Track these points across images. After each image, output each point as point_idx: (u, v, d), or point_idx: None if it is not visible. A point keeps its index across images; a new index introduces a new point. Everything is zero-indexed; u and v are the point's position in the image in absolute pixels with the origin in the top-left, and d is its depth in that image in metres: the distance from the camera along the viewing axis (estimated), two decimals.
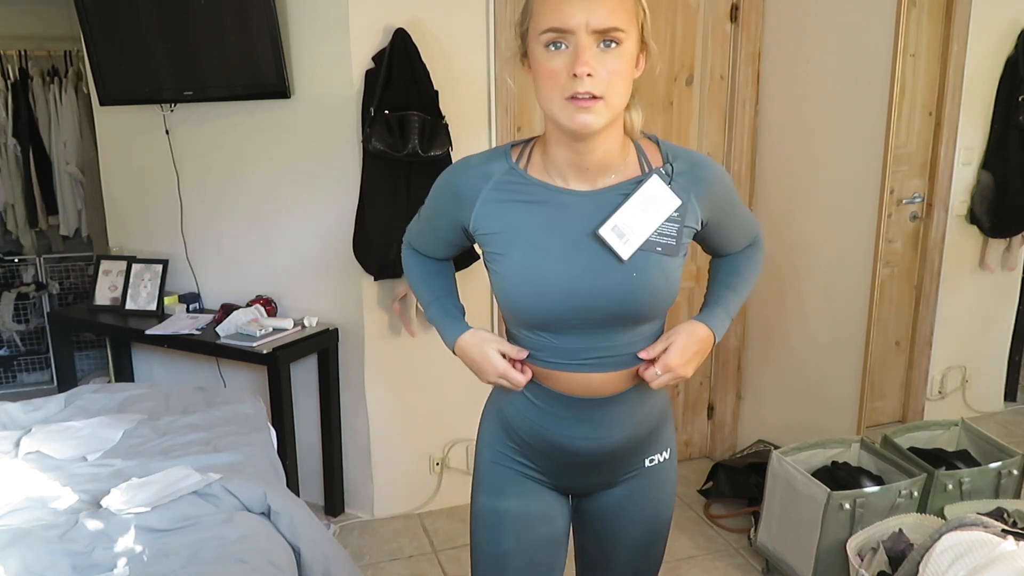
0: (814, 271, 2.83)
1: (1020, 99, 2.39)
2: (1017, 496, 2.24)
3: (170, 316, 2.88)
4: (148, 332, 2.76)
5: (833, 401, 2.78)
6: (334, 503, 2.89)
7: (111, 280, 3.03)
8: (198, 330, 2.74)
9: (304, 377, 2.86)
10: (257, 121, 2.77)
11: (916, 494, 2.19)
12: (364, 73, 2.53)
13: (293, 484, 2.56)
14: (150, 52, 2.72)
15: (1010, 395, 2.73)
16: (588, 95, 1.08)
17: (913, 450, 2.38)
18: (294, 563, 1.70)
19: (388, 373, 2.80)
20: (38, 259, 4.24)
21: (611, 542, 1.41)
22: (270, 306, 2.82)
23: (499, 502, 1.36)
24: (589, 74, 1.07)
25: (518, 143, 1.27)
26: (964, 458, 2.36)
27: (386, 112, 2.44)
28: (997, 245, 2.55)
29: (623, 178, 1.20)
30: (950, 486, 2.20)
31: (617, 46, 1.09)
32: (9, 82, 4.06)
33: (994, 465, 2.23)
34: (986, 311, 2.69)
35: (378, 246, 2.54)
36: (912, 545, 1.91)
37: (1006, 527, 1.70)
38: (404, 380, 2.82)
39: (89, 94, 3.17)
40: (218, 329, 2.69)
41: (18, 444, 2.08)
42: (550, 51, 1.10)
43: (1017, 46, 2.39)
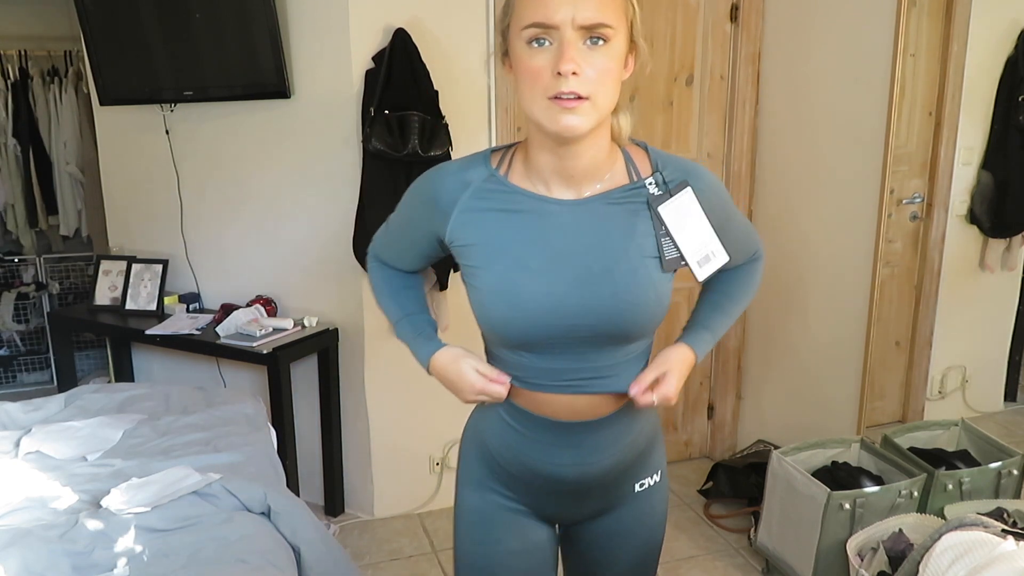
0: (814, 271, 2.83)
1: (1020, 99, 2.39)
2: (1017, 496, 2.24)
3: (170, 316, 2.88)
4: (148, 332, 2.76)
5: (833, 401, 2.78)
6: (334, 503, 2.89)
7: (111, 280, 3.03)
8: (198, 330, 2.74)
9: (304, 377, 2.86)
10: (257, 121, 2.77)
11: (916, 494, 2.19)
12: (364, 73, 2.53)
13: (293, 484, 2.56)
14: (150, 52, 2.72)
15: (1010, 395, 2.73)
16: (573, 95, 1.01)
17: (913, 450, 2.38)
18: (294, 563, 1.70)
19: (388, 373, 2.80)
20: (38, 259, 4.24)
21: (602, 570, 1.35)
22: (270, 306, 2.81)
23: (485, 548, 1.29)
24: (574, 72, 1.00)
25: (498, 149, 1.19)
26: (964, 458, 2.36)
27: (386, 112, 2.44)
28: (997, 245, 2.55)
29: (610, 186, 1.13)
30: (950, 486, 2.20)
31: (605, 43, 1.02)
32: (9, 82, 4.06)
33: (994, 465, 2.23)
34: (986, 311, 2.69)
35: None
36: (912, 545, 1.91)
37: (1006, 527, 1.70)
38: (404, 380, 2.81)
39: (89, 94, 3.17)
40: (218, 329, 2.69)
41: (18, 444, 2.08)
42: (533, 48, 1.03)
43: (1017, 46, 2.39)
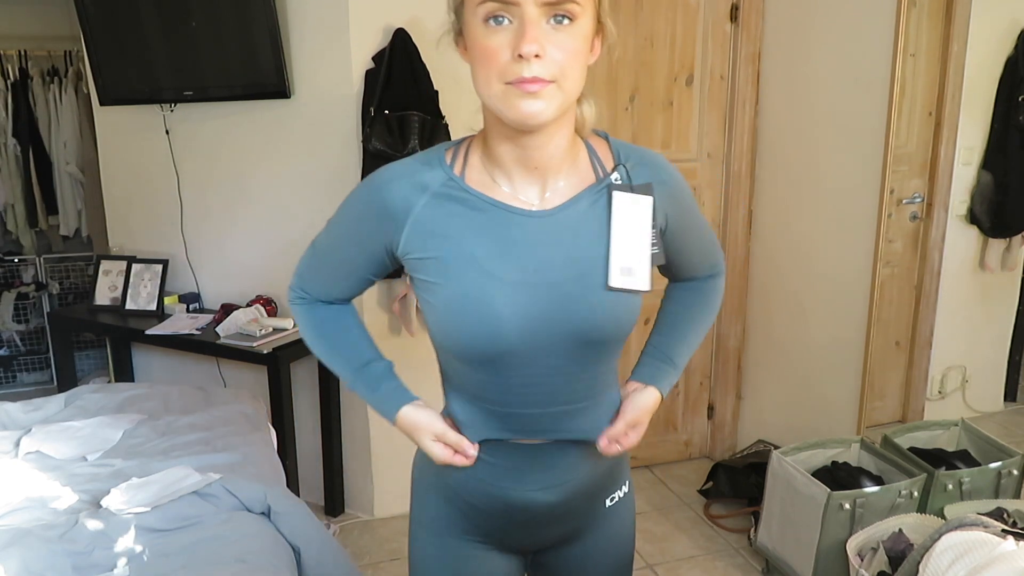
0: (814, 271, 2.82)
1: (1020, 99, 2.39)
2: (1017, 496, 2.24)
3: (170, 316, 2.88)
4: (148, 332, 2.76)
5: (833, 401, 2.78)
6: (334, 503, 2.89)
7: (111, 280, 3.03)
8: (198, 330, 2.74)
9: (304, 377, 2.86)
10: (257, 121, 2.77)
11: (916, 494, 2.19)
12: (364, 73, 2.53)
13: (293, 484, 2.56)
14: (150, 52, 2.72)
15: (1010, 395, 2.73)
16: (536, 79, 0.91)
17: (913, 450, 2.38)
18: (294, 563, 1.70)
19: None
20: (38, 259, 4.24)
21: None
22: (270, 306, 2.81)
23: None
24: (537, 55, 0.90)
25: (451, 145, 1.08)
26: (964, 458, 2.36)
27: (386, 112, 2.44)
28: (997, 245, 2.55)
29: (578, 188, 1.04)
30: (950, 486, 2.20)
31: (571, 22, 0.92)
32: (9, 82, 4.06)
33: (994, 465, 2.23)
34: (986, 311, 2.69)
35: None
36: (912, 545, 1.91)
37: (1006, 527, 1.70)
38: (404, 380, 2.81)
39: (89, 94, 3.17)
40: (218, 329, 2.69)
41: (18, 444, 2.08)
42: (490, 27, 0.92)
43: (1017, 46, 2.39)
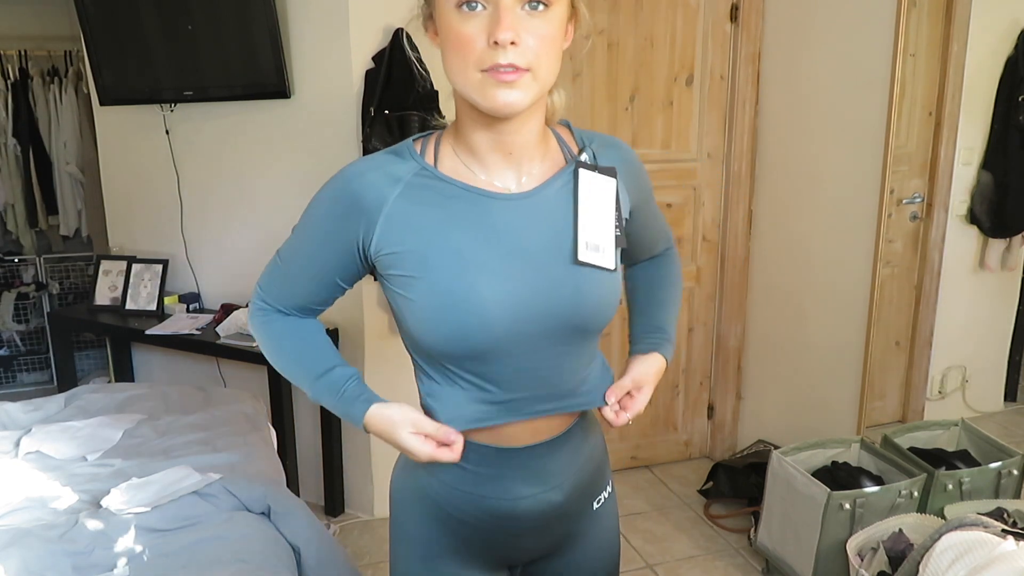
0: (814, 271, 2.82)
1: (1020, 99, 2.39)
2: (1017, 496, 2.24)
3: (170, 316, 2.88)
4: (148, 332, 2.76)
5: (833, 401, 2.78)
6: (334, 503, 2.89)
7: (111, 280, 3.03)
8: (198, 330, 2.74)
9: None
10: (257, 121, 2.77)
11: (916, 494, 2.19)
12: (364, 73, 2.53)
13: (293, 484, 2.56)
14: (150, 52, 2.72)
15: (1010, 395, 2.73)
16: (512, 67, 0.89)
17: (913, 450, 2.38)
18: (294, 563, 1.70)
19: (388, 372, 2.79)
20: (38, 259, 4.24)
21: None
22: None
23: None
24: (513, 42, 0.88)
25: (418, 137, 1.05)
26: (964, 458, 2.36)
27: (386, 112, 2.44)
28: (997, 245, 2.55)
29: (552, 170, 1.03)
30: (950, 486, 2.20)
31: (546, 8, 0.91)
32: (9, 82, 4.06)
33: (994, 465, 2.23)
34: (986, 311, 2.69)
35: None
36: (912, 545, 1.91)
37: (1006, 527, 1.70)
38: (404, 380, 2.80)
39: (89, 94, 3.17)
40: (218, 329, 2.69)
41: (18, 444, 2.08)
42: (463, 12, 0.90)
43: (1017, 46, 2.39)
